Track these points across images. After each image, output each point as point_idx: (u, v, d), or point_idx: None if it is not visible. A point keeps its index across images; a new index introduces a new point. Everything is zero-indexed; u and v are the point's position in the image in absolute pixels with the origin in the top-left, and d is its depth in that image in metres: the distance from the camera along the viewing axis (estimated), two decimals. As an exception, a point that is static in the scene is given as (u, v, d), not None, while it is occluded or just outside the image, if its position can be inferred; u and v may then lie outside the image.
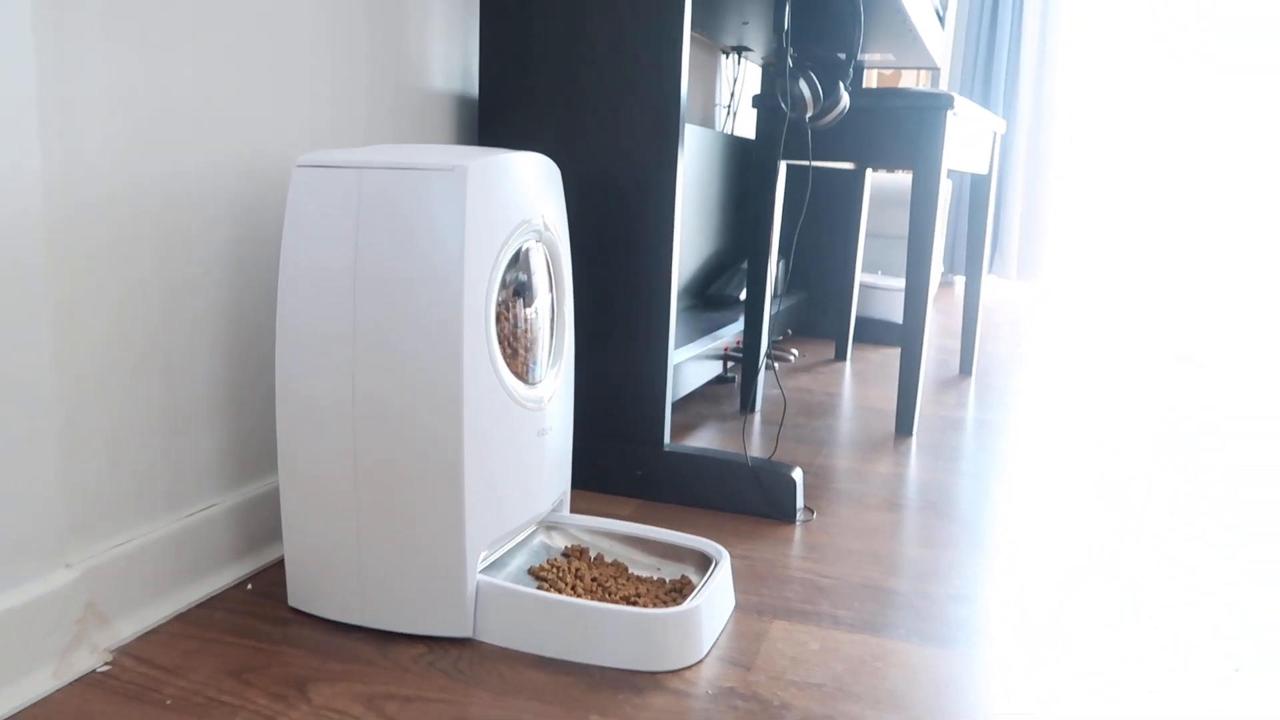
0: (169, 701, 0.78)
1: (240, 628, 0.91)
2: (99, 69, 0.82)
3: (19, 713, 0.76)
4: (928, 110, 1.60)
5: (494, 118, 1.33)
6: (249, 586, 0.99)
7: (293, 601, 0.94)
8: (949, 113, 1.59)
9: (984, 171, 2.10)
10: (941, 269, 3.93)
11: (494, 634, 0.90)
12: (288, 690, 0.81)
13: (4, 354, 0.75)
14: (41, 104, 0.77)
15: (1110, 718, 0.82)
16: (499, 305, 0.91)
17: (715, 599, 0.93)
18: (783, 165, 1.71)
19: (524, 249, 0.94)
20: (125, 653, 0.85)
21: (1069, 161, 3.87)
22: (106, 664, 0.83)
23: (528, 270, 0.96)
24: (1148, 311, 3.51)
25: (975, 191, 2.17)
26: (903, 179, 2.92)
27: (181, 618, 0.92)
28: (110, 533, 0.87)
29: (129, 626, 0.88)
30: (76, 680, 0.81)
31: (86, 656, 0.82)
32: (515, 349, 0.94)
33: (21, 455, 0.77)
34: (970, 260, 2.17)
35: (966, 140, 1.82)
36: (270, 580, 1.00)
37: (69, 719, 0.75)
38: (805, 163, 1.67)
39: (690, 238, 2.02)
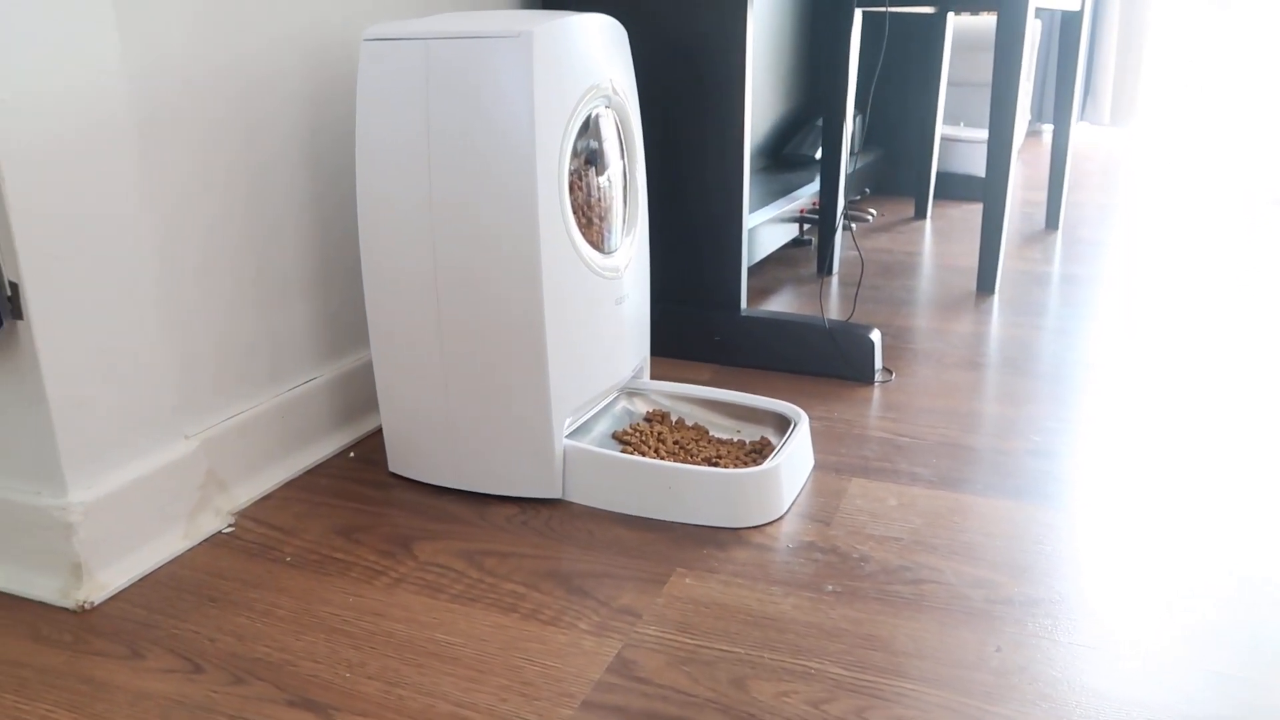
0: (289, 558, 0.85)
1: (346, 491, 0.97)
2: (166, -49, 0.82)
3: (159, 568, 0.83)
4: (1016, -56, 1.49)
5: (557, -21, 1.29)
6: (351, 454, 1.05)
7: (393, 467, 1.00)
8: (1040, -55, 1.48)
9: (1076, 8, 1.96)
10: (1029, 117, 3.73)
11: (582, 495, 0.94)
12: (394, 547, 0.87)
13: (113, 246, 0.78)
14: (118, 7, 0.78)
15: (1188, 565, 0.83)
16: (571, 175, 0.91)
17: (795, 458, 0.96)
18: (858, 13, 1.62)
19: (594, 116, 0.93)
20: (245, 515, 0.92)
21: (1172, -8, 3.57)
22: (230, 526, 0.90)
23: (599, 138, 0.95)
24: (1247, 155, 3.30)
25: (1066, 30, 2.03)
26: (988, 21, 2.75)
27: (292, 483, 0.99)
28: (221, 406, 0.93)
29: (246, 492, 0.95)
30: (204, 540, 0.88)
31: (211, 519, 0.90)
32: (590, 218, 0.95)
33: (136, 338, 0.82)
34: (1059, 105, 2.06)
35: (1058, -25, 1.70)
36: (370, 448, 1.06)
37: (203, 573, 0.83)
38: (881, 9, 1.59)
39: (762, 96, 1.96)
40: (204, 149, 0.88)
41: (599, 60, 0.93)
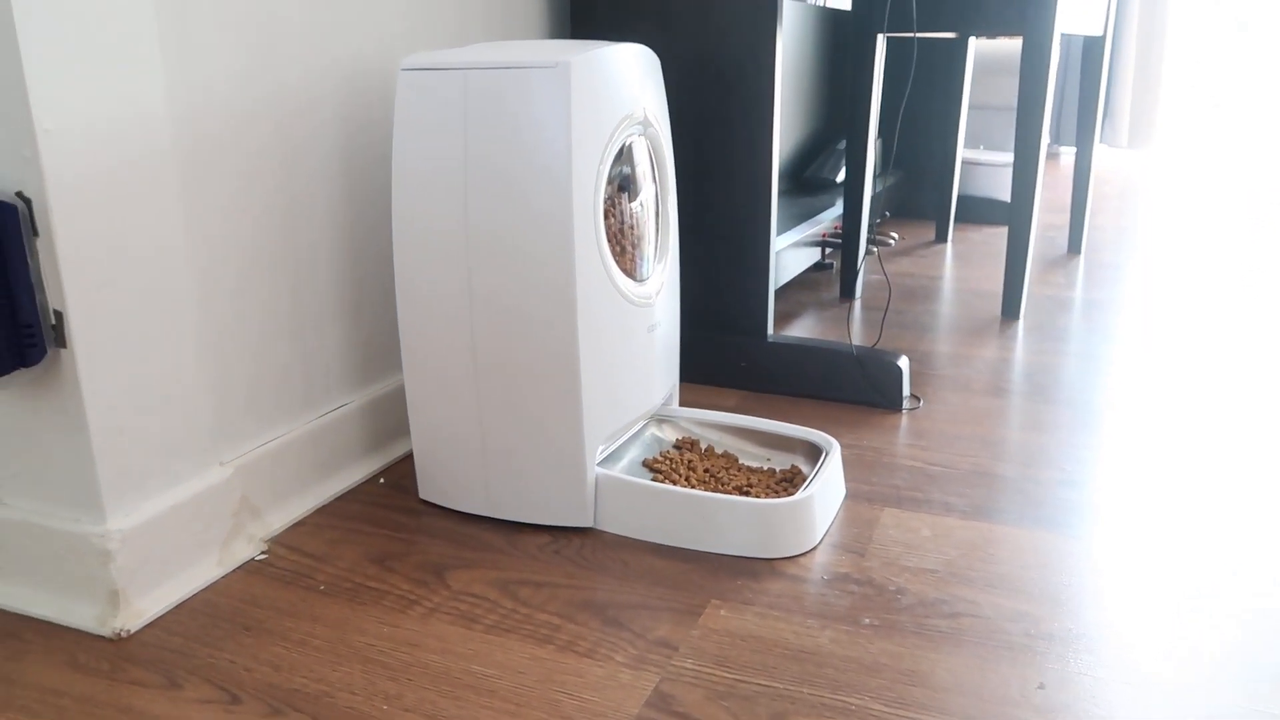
0: (322, 587, 0.85)
1: (377, 518, 0.97)
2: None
3: (194, 596, 0.83)
4: (1041, -29, 1.49)
5: (585, 4, 1.30)
6: (381, 480, 1.05)
7: (423, 494, 1.00)
8: (1065, -28, 1.48)
9: (1098, 33, 1.97)
10: (1047, 140, 3.73)
11: (614, 524, 0.94)
12: (427, 576, 0.87)
13: (154, 275, 0.79)
14: (163, 40, 0.79)
15: (1225, 597, 0.82)
16: (606, 202, 0.91)
17: (827, 488, 0.95)
18: (881, 39, 1.63)
19: (628, 144, 0.94)
20: (277, 542, 0.92)
21: (1186, 15, 3.58)
22: (263, 553, 0.90)
23: (632, 165, 0.95)
24: (1267, 177, 3.29)
25: (1088, 54, 2.03)
26: (1006, 45, 2.76)
27: (323, 510, 0.99)
28: (256, 433, 0.93)
29: (278, 519, 0.95)
30: (238, 567, 0.88)
31: (245, 546, 0.90)
32: (623, 246, 0.95)
33: (175, 365, 0.82)
34: (1081, 129, 2.06)
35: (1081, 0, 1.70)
36: (400, 474, 1.06)
37: (238, 601, 0.83)
38: (907, 35, 1.59)
39: (783, 119, 1.97)
40: (243, 178, 0.89)
41: (634, 89, 0.93)
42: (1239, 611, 0.80)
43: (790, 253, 1.63)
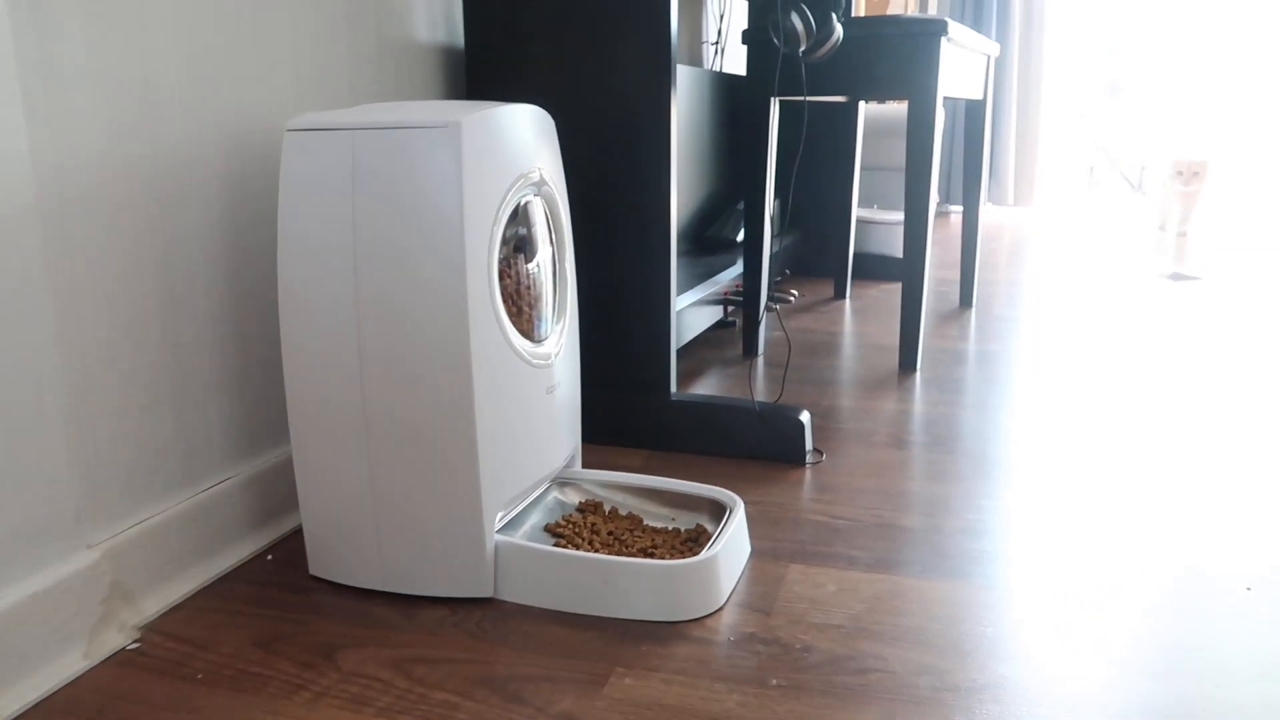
0: (200, 675, 0.79)
1: (264, 598, 0.92)
2: (78, 48, 0.79)
3: (53, 694, 0.77)
4: (921, 37, 1.57)
5: (481, 67, 1.30)
6: (269, 557, 1.00)
7: (313, 570, 0.95)
8: (943, 38, 1.56)
9: (979, 97, 2.07)
10: (936, 199, 3.89)
11: (515, 593, 0.91)
12: (316, 658, 0.82)
13: (7, 342, 0.74)
14: (26, 95, 0.75)
15: (1127, 640, 0.83)
16: (501, 263, 0.90)
17: (732, 546, 0.94)
18: (774, 102, 1.68)
19: (523, 204, 0.93)
20: (153, 629, 0.86)
21: (1061, 81, 3.81)
22: (135, 641, 0.84)
23: (528, 226, 0.94)
24: (1145, 233, 3.50)
25: (971, 118, 2.13)
26: (896, 109, 2.88)
27: (205, 591, 0.93)
28: (128, 512, 0.87)
29: (155, 603, 0.88)
30: (107, 659, 0.81)
31: (115, 635, 0.83)
32: (519, 307, 0.94)
33: (33, 439, 0.77)
34: (968, 188, 2.15)
35: (961, 66, 1.79)
36: (289, 550, 1.01)
37: (103, 698, 0.76)
38: (798, 98, 1.64)
39: (683, 181, 2.00)
40: (115, 242, 0.84)
41: (528, 149, 0.93)
42: (1146, 659, 0.82)
43: (692, 311, 1.64)
